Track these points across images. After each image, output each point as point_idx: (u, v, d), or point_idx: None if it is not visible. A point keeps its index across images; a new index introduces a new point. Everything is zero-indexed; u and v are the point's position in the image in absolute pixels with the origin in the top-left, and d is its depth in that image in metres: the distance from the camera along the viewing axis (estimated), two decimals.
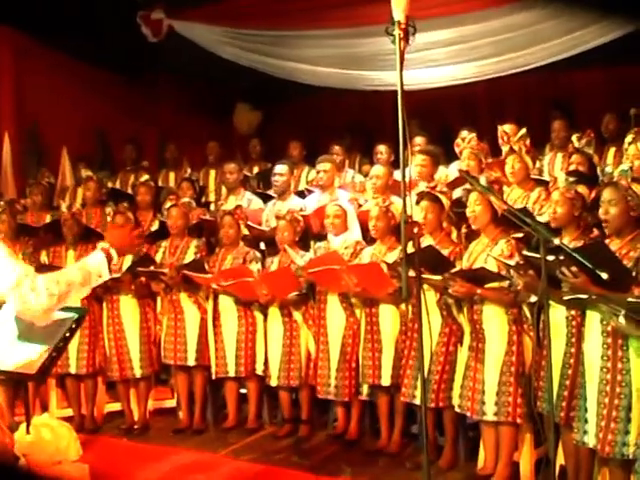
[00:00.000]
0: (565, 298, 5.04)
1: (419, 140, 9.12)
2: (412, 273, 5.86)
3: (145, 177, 9.11)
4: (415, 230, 4.97)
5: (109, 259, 4.00)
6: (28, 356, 4.26)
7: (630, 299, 4.50)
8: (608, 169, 6.82)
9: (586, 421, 5.11)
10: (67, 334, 4.30)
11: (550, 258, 4.63)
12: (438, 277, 5.90)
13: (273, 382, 7.30)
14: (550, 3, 8.82)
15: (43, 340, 4.28)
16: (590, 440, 5.08)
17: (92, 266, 3.91)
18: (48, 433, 4.59)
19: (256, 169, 10.47)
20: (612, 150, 8.28)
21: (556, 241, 3.87)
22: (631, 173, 5.02)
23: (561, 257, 4.68)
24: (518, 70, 9.08)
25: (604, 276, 4.55)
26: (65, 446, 4.60)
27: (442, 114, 10.91)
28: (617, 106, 8.87)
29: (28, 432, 4.58)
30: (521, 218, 4.03)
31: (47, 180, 9.62)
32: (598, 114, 8.96)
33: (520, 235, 5.90)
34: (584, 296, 4.82)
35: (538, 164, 8.28)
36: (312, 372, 7.19)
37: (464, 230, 6.54)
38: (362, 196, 7.99)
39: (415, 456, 6.46)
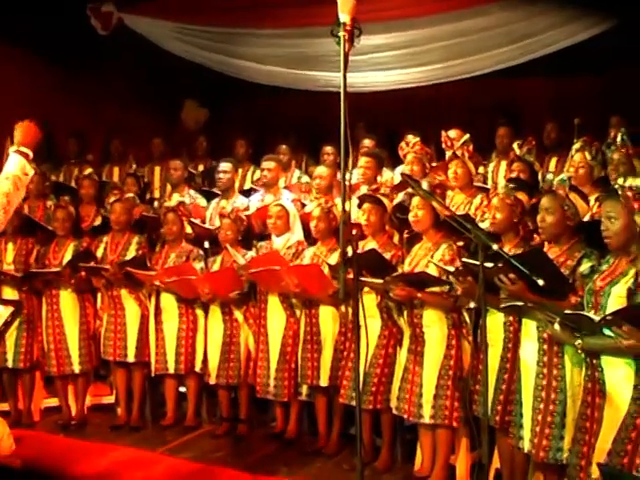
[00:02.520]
0: (502, 306, 5.10)
1: (367, 142, 9.17)
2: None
3: (89, 171, 9.04)
4: (354, 232, 4.98)
5: (25, 156, 4.11)
6: None
7: (567, 311, 4.55)
8: (549, 177, 6.90)
9: (521, 426, 5.17)
10: (2, 328, 4.26)
11: (489, 265, 4.69)
12: (379, 280, 5.93)
13: (212, 380, 7.28)
14: (500, 11, 8.91)
15: None
16: (525, 445, 5.14)
17: (15, 170, 4.01)
18: None
19: (201, 167, 10.44)
20: (554, 160, 8.39)
21: (495, 247, 3.91)
22: (569, 182, 5.08)
23: (499, 264, 4.73)
24: (466, 76, 9.17)
25: (540, 282, 4.61)
26: None
27: (389, 117, 10.94)
28: (559, 115, 9.01)
29: None
30: (461, 223, 4.06)
31: None
32: (542, 122, 9.08)
33: (462, 244, 5.96)
34: (520, 303, 4.88)
35: (482, 170, 8.36)
36: (251, 371, 7.19)
37: (406, 234, 6.57)
38: (307, 197, 8.00)
39: (352, 457, 6.49)
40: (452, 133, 7.95)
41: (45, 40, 10.54)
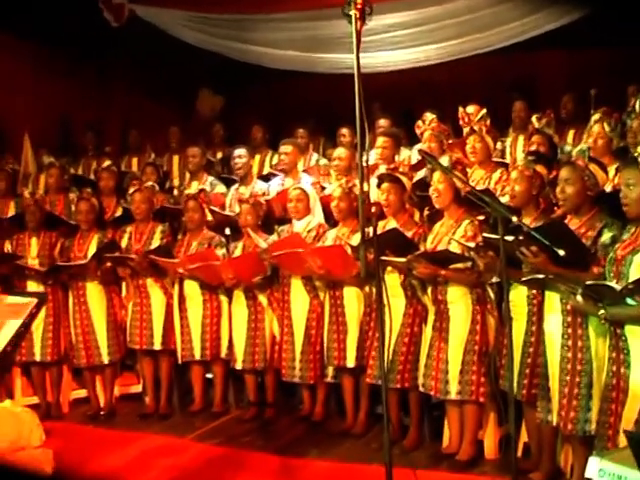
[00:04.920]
0: (523, 279, 5.10)
1: (383, 122, 9.15)
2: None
3: (107, 163, 9.07)
4: (373, 210, 4.99)
5: None
6: None
7: (589, 282, 4.54)
8: (567, 148, 6.87)
9: (548, 399, 5.19)
10: (27, 319, 4.30)
11: (509, 238, 4.69)
12: (402, 259, 5.93)
13: (238, 365, 7.32)
14: None
15: None
16: (553, 418, 5.16)
17: None
18: (10, 419, 4.58)
19: (220, 154, 10.45)
20: (571, 132, 8.35)
21: (514, 219, 3.91)
22: (589, 153, 5.06)
23: (520, 237, 4.73)
24: (480, 52, 9.13)
25: (561, 252, 4.60)
26: (28, 432, 4.60)
27: (405, 96, 10.91)
28: (576, 87, 8.95)
29: None
30: (481, 197, 4.06)
31: (11, 166, 9.51)
32: (559, 95, 9.04)
33: (483, 217, 5.95)
34: (541, 276, 4.88)
35: (500, 146, 8.33)
36: (277, 355, 7.23)
37: (426, 212, 6.57)
38: (326, 179, 8.00)
39: (380, 437, 6.50)
40: (470, 108, 7.94)
41: (60, 36, 10.57)
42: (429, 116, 8.10)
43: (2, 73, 10.88)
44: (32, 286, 7.61)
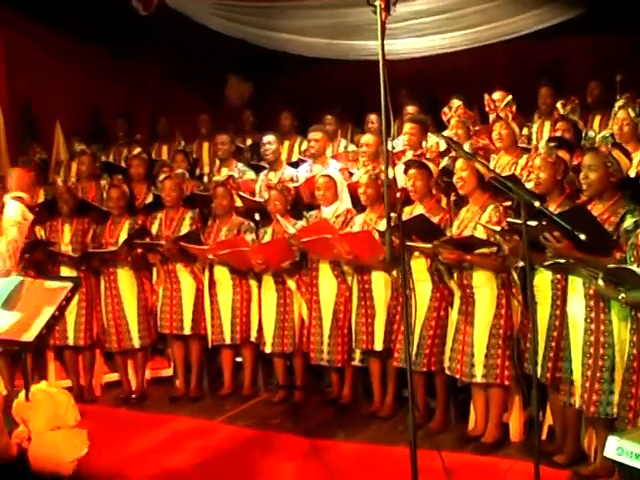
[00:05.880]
0: (545, 263, 5.16)
1: (410, 109, 9.22)
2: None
3: (138, 150, 9.17)
4: (398, 195, 5.06)
5: (22, 201, 4.29)
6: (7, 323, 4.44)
7: (610, 265, 4.61)
8: (590, 134, 6.91)
9: (571, 382, 5.26)
10: (63, 302, 4.44)
11: (533, 223, 4.76)
12: (428, 245, 6.01)
13: (267, 349, 7.42)
14: None
15: (27, 309, 4.44)
16: (576, 401, 5.23)
17: (17, 216, 4.20)
18: (46, 400, 4.71)
19: (249, 141, 10.51)
20: (597, 118, 8.35)
21: (537, 204, 3.97)
22: (611, 139, 5.11)
23: (544, 222, 4.80)
24: (505, 38, 9.14)
25: (582, 237, 4.66)
26: (63, 412, 4.72)
27: (432, 83, 10.95)
28: (603, 73, 8.95)
29: (27, 399, 4.70)
30: (504, 183, 4.13)
31: (39, 156, 9.64)
32: (585, 81, 9.04)
33: (509, 203, 6.01)
34: (563, 260, 4.94)
35: (527, 132, 8.38)
36: (305, 339, 7.31)
37: (453, 197, 6.63)
38: (355, 165, 8.07)
39: (407, 419, 6.61)
40: (496, 95, 7.99)
41: (89, 24, 10.70)
42: (455, 102, 8.15)
43: (34, 63, 11.05)
44: (65, 272, 7.69)
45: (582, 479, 5.28)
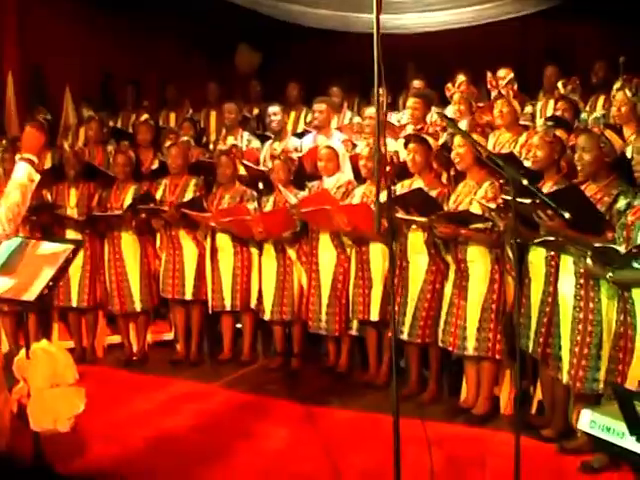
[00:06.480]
0: (535, 241, 5.25)
1: (417, 83, 9.27)
2: (399, 214, 6.14)
3: (145, 116, 9.24)
4: (387, 169, 5.15)
5: (32, 163, 4.37)
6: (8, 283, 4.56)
7: (596, 244, 4.70)
8: (583, 116, 6.97)
9: (560, 358, 5.36)
10: (63, 264, 4.55)
11: (526, 201, 4.84)
12: (423, 219, 6.11)
13: (266, 316, 7.54)
14: None
15: (28, 269, 4.57)
16: (563, 376, 5.33)
17: (22, 178, 4.28)
18: (46, 358, 4.82)
19: (256, 110, 10.56)
20: (601, 98, 8.39)
21: (524, 182, 4.05)
22: (603, 120, 5.19)
23: (537, 200, 4.88)
24: (513, 16, 9.14)
25: (566, 215, 4.74)
26: (62, 370, 4.83)
27: (440, 58, 10.95)
28: (610, 53, 8.96)
29: (28, 357, 4.82)
30: (494, 160, 4.20)
31: (42, 116, 9.70)
32: (593, 60, 9.07)
33: (505, 180, 6.08)
34: (552, 238, 5.03)
35: (531, 109, 8.43)
36: (304, 307, 7.42)
37: (452, 172, 6.71)
38: (359, 137, 8.13)
39: (402, 389, 6.74)
40: (501, 72, 8.05)
41: None
42: (460, 78, 8.20)
43: (45, 29, 11.10)
44: (71, 234, 7.81)
45: (567, 453, 5.38)
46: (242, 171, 7.99)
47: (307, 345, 7.70)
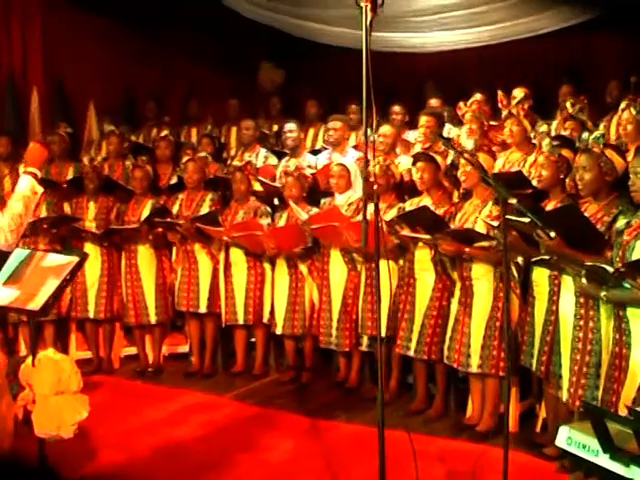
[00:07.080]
0: (533, 259, 5.31)
1: (433, 102, 9.34)
2: (405, 231, 6.23)
3: (166, 132, 9.40)
4: (375, 187, 5.24)
5: (35, 176, 4.52)
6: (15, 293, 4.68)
7: (587, 263, 4.75)
8: (584, 136, 6.99)
9: (560, 376, 5.39)
10: (68, 276, 4.67)
11: (525, 220, 4.90)
12: (427, 236, 6.19)
13: (278, 330, 7.62)
14: None
15: (34, 280, 4.68)
16: (563, 394, 5.36)
17: (25, 190, 4.42)
18: (51, 366, 4.94)
19: (275, 127, 10.63)
20: (616, 117, 8.41)
21: (513, 201, 4.11)
22: (603, 139, 5.23)
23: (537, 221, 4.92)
24: (531, 35, 9.20)
25: (552, 234, 4.79)
26: (67, 378, 4.94)
27: (459, 76, 11.02)
28: (625, 73, 8.98)
29: (33, 365, 4.94)
30: (485, 179, 4.27)
31: (65, 130, 9.83)
32: (608, 80, 9.10)
33: (514, 200, 6.13)
34: (547, 257, 5.08)
35: (546, 128, 8.46)
36: (315, 322, 7.50)
37: (462, 191, 6.77)
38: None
39: (409, 404, 6.83)
40: (515, 92, 8.09)
41: (122, 6, 10.88)
42: (477, 96, 8.25)
43: (68, 45, 11.31)
44: (89, 247, 7.93)
45: (567, 471, 5.41)
46: (258, 187, 8.09)
47: (319, 359, 7.79)
